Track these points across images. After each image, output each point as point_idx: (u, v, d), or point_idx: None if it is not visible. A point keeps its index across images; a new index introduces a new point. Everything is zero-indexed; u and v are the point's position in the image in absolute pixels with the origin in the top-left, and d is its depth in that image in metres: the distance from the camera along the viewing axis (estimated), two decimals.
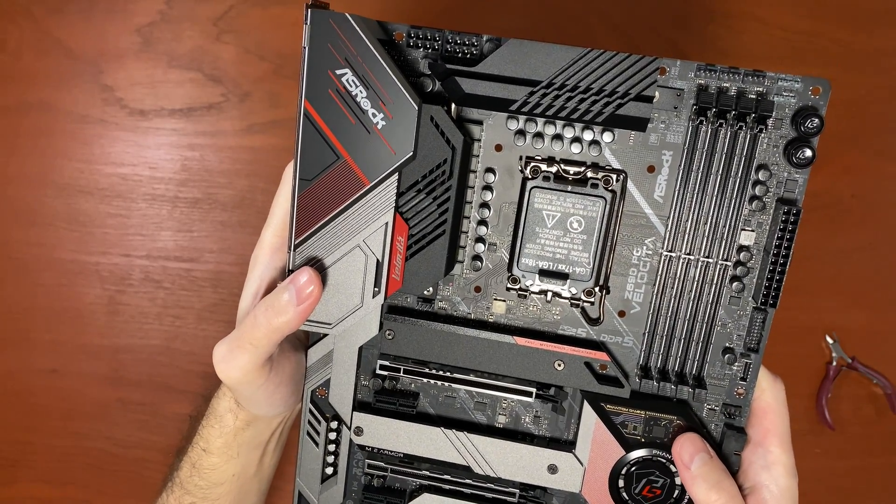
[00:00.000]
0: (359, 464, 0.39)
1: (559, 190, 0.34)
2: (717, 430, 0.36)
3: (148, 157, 0.70)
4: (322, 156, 0.33)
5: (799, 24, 0.71)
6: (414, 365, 0.37)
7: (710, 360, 0.36)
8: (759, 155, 0.33)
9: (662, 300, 0.35)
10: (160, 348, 0.69)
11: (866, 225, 0.70)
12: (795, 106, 0.33)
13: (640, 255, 0.34)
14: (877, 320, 0.70)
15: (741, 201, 0.34)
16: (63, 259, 0.69)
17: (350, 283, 0.35)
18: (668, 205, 0.34)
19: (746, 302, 0.35)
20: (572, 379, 0.35)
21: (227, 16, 0.70)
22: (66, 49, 0.70)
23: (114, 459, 0.69)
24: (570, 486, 0.36)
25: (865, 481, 0.69)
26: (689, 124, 0.33)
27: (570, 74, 0.32)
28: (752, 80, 0.33)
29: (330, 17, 0.31)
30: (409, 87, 0.32)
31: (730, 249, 0.34)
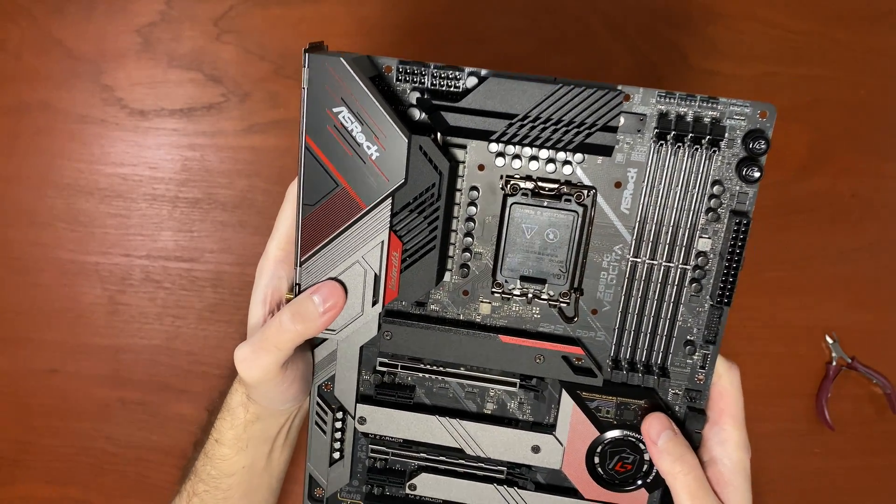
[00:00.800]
0: (363, 448, 0.43)
1: (536, 205, 0.38)
2: (681, 411, 0.40)
3: (148, 158, 0.70)
4: (323, 184, 0.37)
5: (799, 25, 0.71)
6: (410, 361, 0.41)
7: (674, 352, 0.40)
8: (713, 172, 0.37)
9: (630, 300, 0.39)
10: (160, 348, 0.69)
11: (866, 225, 0.70)
12: (746, 128, 0.36)
13: (609, 261, 0.39)
14: (876, 320, 0.70)
15: (698, 212, 0.37)
16: (63, 259, 0.69)
17: (352, 295, 0.39)
18: (634, 216, 0.38)
19: (704, 300, 0.39)
20: (551, 371, 0.40)
21: (228, 16, 0.70)
22: (67, 49, 0.70)
23: (114, 459, 0.69)
24: (552, 464, 0.41)
25: (865, 481, 0.69)
26: (651, 145, 0.37)
27: (543, 108, 0.36)
28: (706, 105, 0.36)
29: (326, 61, 0.34)
30: (399, 122, 0.35)
31: (689, 255, 0.38)
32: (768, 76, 0.71)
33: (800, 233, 0.70)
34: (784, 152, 0.71)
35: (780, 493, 0.69)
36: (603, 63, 0.70)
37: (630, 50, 0.70)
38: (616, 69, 0.70)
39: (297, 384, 0.42)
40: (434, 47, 0.70)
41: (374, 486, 0.44)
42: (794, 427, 0.69)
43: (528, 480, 0.43)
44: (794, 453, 0.69)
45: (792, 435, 0.69)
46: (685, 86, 0.70)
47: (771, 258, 0.70)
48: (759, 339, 0.69)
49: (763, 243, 0.70)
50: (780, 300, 0.70)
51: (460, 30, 0.70)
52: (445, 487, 0.43)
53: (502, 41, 0.70)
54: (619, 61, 0.70)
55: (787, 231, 0.70)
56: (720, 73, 0.71)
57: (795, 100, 0.71)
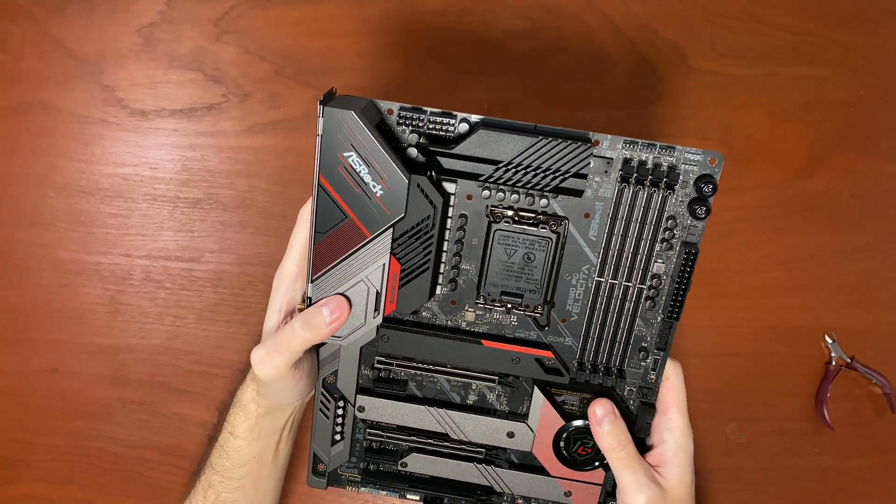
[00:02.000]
0: (361, 432, 0.49)
1: (516, 231, 0.44)
2: (635, 405, 0.47)
3: (149, 158, 0.70)
4: (333, 215, 0.42)
5: (799, 25, 0.71)
6: (404, 360, 0.47)
7: (630, 356, 0.46)
8: (668, 209, 0.43)
9: (594, 312, 0.45)
10: (161, 348, 0.69)
11: (865, 225, 0.70)
12: (697, 173, 0.42)
13: (577, 279, 0.45)
14: (876, 320, 0.70)
15: (654, 241, 0.43)
16: (64, 259, 0.70)
17: (356, 308, 0.45)
18: (600, 242, 0.44)
19: (657, 314, 0.45)
20: (526, 370, 0.46)
21: (228, 16, 0.70)
22: (67, 49, 0.70)
23: (114, 459, 0.69)
24: (524, 447, 0.48)
25: (865, 481, 0.69)
26: (616, 185, 0.42)
27: (524, 157, 0.41)
28: (665, 152, 0.42)
29: (339, 113, 0.40)
30: (401, 165, 0.41)
31: (645, 276, 0.44)
32: (768, 76, 0.71)
33: (800, 233, 0.70)
34: (784, 152, 0.71)
35: (780, 493, 0.69)
36: (602, 64, 0.70)
37: (630, 50, 0.71)
38: (616, 70, 0.70)
39: (303, 381, 0.47)
40: (434, 48, 0.70)
41: (370, 464, 0.50)
42: (794, 427, 0.69)
43: (503, 460, 0.49)
44: (794, 453, 0.69)
45: (791, 435, 0.69)
46: (685, 86, 0.71)
47: (771, 258, 0.70)
48: (758, 339, 0.69)
49: (763, 243, 0.70)
50: (780, 300, 0.70)
51: (460, 30, 0.71)
52: (432, 465, 0.49)
53: (502, 42, 0.70)
54: (619, 62, 0.71)
55: (786, 231, 0.70)
56: (720, 73, 0.71)
57: (795, 100, 0.71)
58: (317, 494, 0.68)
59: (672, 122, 0.70)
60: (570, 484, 0.49)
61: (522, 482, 0.49)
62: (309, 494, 0.68)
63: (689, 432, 0.46)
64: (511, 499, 0.50)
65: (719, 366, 0.69)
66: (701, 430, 0.69)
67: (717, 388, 0.69)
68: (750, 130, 0.71)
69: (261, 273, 0.70)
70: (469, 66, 0.70)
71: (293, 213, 0.69)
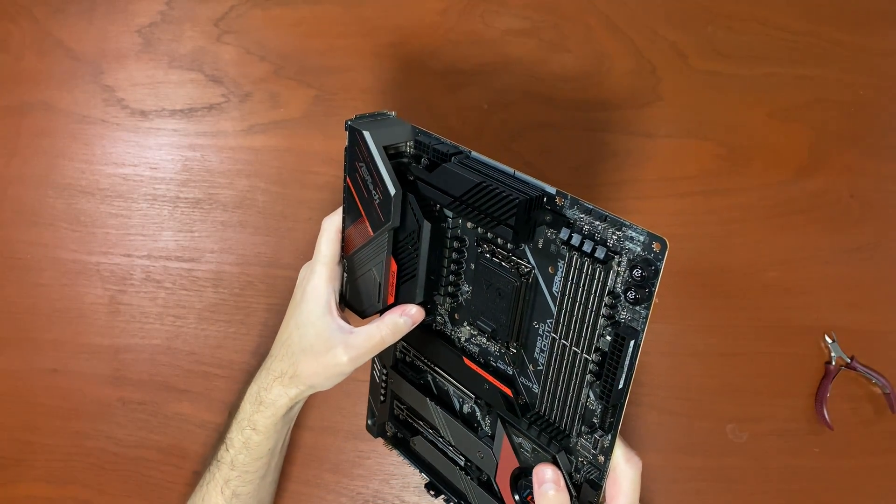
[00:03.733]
0: (393, 401, 0.55)
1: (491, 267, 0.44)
2: (581, 479, 0.43)
3: (149, 158, 0.70)
4: (354, 211, 0.48)
5: (798, 25, 0.71)
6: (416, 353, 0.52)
7: (580, 426, 0.42)
8: (609, 284, 0.38)
9: (551, 368, 0.43)
10: (161, 348, 0.69)
11: (865, 225, 0.70)
12: (638, 254, 0.37)
13: (543, 329, 0.43)
14: (875, 320, 0.70)
15: (598, 314, 0.39)
16: (64, 259, 0.70)
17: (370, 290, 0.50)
18: (558, 299, 0.41)
19: (597, 391, 0.41)
20: (492, 399, 0.46)
21: (228, 16, 0.70)
22: (68, 49, 0.70)
23: (115, 459, 0.69)
24: (489, 471, 0.49)
25: (864, 481, 0.69)
26: (568, 250, 0.40)
27: (471, 196, 0.41)
28: (611, 225, 0.38)
29: (356, 132, 0.45)
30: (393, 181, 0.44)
31: (591, 348, 0.40)
32: (768, 76, 0.71)
33: (799, 233, 0.70)
34: (784, 152, 0.71)
35: (779, 493, 0.69)
36: (602, 64, 0.70)
37: (629, 51, 0.71)
38: (616, 70, 0.70)
39: None
40: (434, 48, 0.70)
41: (397, 432, 0.56)
42: (793, 427, 0.69)
43: (475, 476, 0.50)
44: (793, 453, 0.69)
45: (791, 435, 0.69)
46: (685, 86, 0.71)
47: (771, 258, 0.70)
48: (758, 339, 0.69)
49: (763, 243, 0.70)
50: (780, 300, 0.70)
51: (460, 30, 0.71)
52: (431, 454, 0.53)
53: (502, 42, 0.70)
54: (619, 62, 0.71)
55: (786, 231, 0.70)
56: (720, 73, 0.71)
57: (795, 100, 0.71)
58: (317, 495, 0.68)
59: (672, 122, 0.70)
60: None
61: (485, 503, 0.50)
62: (309, 495, 0.68)
63: None
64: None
65: (719, 366, 0.69)
66: (701, 430, 0.69)
67: (717, 388, 0.69)
68: (750, 130, 0.71)
69: (261, 273, 0.70)
70: (469, 66, 0.70)
71: (293, 213, 0.70)
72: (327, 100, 0.70)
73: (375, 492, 0.69)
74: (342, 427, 0.68)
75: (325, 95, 0.70)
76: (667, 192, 0.69)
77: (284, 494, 0.68)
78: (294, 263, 0.70)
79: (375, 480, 0.69)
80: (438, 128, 0.70)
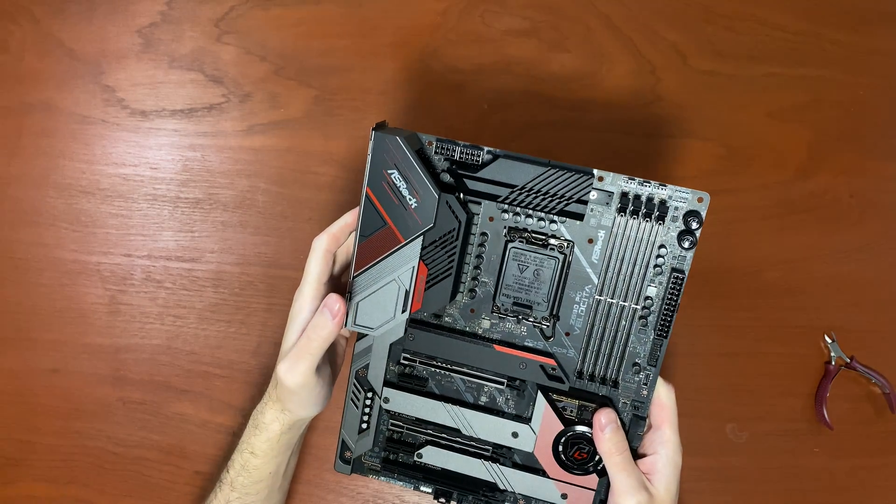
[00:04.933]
0: (385, 422, 0.54)
1: (529, 250, 0.50)
2: (627, 417, 0.51)
3: (149, 158, 0.70)
4: (375, 221, 0.49)
5: (798, 25, 0.71)
6: (426, 358, 0.53)
7: (624, 370, 0.50)
8: (659, 238, 0.48)
9: (593, 328, 0.50)
10: (161, 348, 0.69)
11: (865, 225, 0.70)
12: (685, 208, 0.48)
13: (581, 297, 0.50)
14: (875, 320, 0.70)
15: (647, 266, 0.48)
16: (65, 259, 0.70)
17: (387, 303, 0.50)
18: (601, 265, 0.49)
19: (649, 333, 0.50)
20: (531, 375, 0.51)
21: (228, 17, 0.70)
22: (68, 50, 0.70)
23: (115, 459, 0.69)
24: (526, 447, 0.52)
25: (864, 481, 0.69)
26: (615, 215, 0.48)
27: (536, 182, 0.48)
28: (657, 189, 0.47)
29: (386, 139, 0.47)
30: (434, 184, 0.47)
31: (639, 297, 0.49)
32: (768, 76, 0.71)
33: (799, 233, 0.70)
34: (784, 152, 0.71)
35: (780, 493, 0.69)
36: (602, 64, 0.71)
37: (629, 51, 0.71)
38: (615, 70, 0.70)
39: (322, 389, 0.52)
40: (434, 48, 0.70)
41: (390, 454, 0.55)
42: (793, 427, 0.69)
43: (507, 459, 0.53)
44: (793, 453, 0.69)
45: (791, 434, 0.69)
46: (685, 86, 0.71)
47: (770, 258, 0.70)
48: (758, 339, 0.69)
49: (763, 243, 0.70)
50: (780, 300, 0.70)
51: (460, 30, 0.71)
52: (444, 458, 0.53)
53: (502, 42, 0.70)
54: (619, 62, 0.71)
55: (786, 231, 0.70)
56: (720, 73, 0.71)
57: (795, 100, 0.71)
58: (318, 494, 0.68)
59: (672, 122, 0.70)
60: (566, 487, 0.52)
61: (523, 481, 0.53)
62: (310, 495, 0.68)
63: (679, 448, 0.51)
64: (513, 498, 0.53)
65: (719, 366, 0.69)
66: (701, 429, 0.69)
67: (717, 387, 0.69)
68: (750, 130, 0.71)
69: (261, 273, 0.70)
70: (469, 66, 0.70)
71: (293, 214, 0.70)
72: (327, 100, 0.70)
73: (375, 492, 0.69)
74: None
75: (325, 95, 0.70)
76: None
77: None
78: (294, 263, 0.70)
79: (375, 480, 0.69)
80: (438, 128, 0.70)
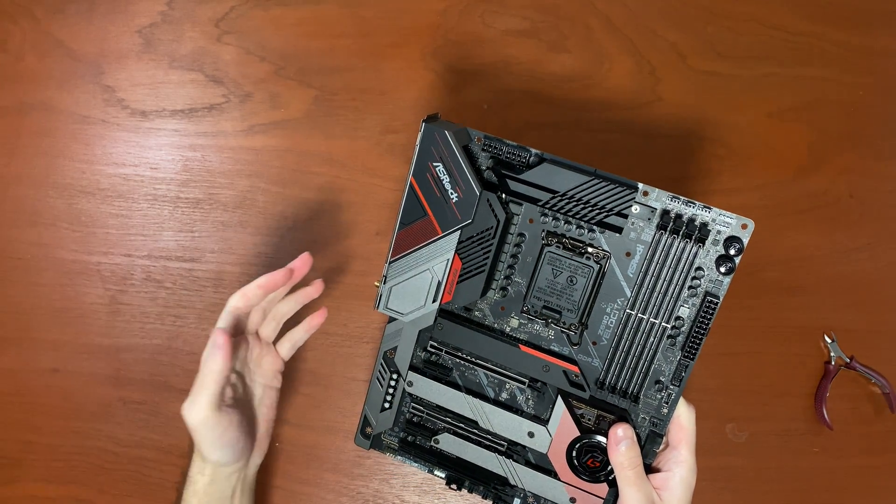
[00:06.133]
0: (406, 405, 0.56)
1: (564, 256, 0.50)
2: (644, 432, 0.51)
3: (149, 158, 0.70)
4: (416, 211, 0.50)
5: (798, 26, 0.71)
6: (452, 349, 0.54)
7: (647, 386, 0.50)
8: (698, 260, 0.47)
9: (621, 340, 0.50)
10: (161, 348, 0.69)
11: (864, 225, 0.70)
12: (728, 233, 0.47)
13: (612, 308, 0.50)
14: (875, 320, 0.70)
15: (682, 287, 0.48)
16: (65, 259, 0.70)
17: (419, 291, 0.51)
18: (635, 280, 0.49)
19: (676, 353, 0.50)
20: (553, 379, 0.52)
21: (229, 17, 0.70)
22: (68, 50, 0.70)
23: (115, 458, 0.69)
24: (541, 448, 0.53)
25: (864, 481, 0.69)
26: (655, 231, 0.48)
27: (578, 190, 0.48)
28: (701, 210, 0.47)
29: (436, 132, 0.48)
30: (476, 180, 0.48)
31: (671, 316, 0.49)
32: (768, 76, 0.71)
33: (799, 233, 0.70)
34: (784, 152, 0.71)
35: (779, 493, 0.69)
36: (603, 64, 0.71)
37: (629, 51, 0.71)
38: (616, 70, 0.71)
39: (231, 433, 0.54)
40: (434, 48, 0.70)
41: (408, 436, 0.56)
42: (793, 426, 0.69)
43: (521, 456, 0.54)
44: (793, 453, 0.69)
45: (791, 434, 0.69)
46: (685, 86, 0.71)
47: (770, 258, 0.70)
48: (758, 339, 0.69)
49: (763, 243, 0.70)
50: (780, 300, 0.70)
51: (460, 30, 0.71)
52: (460, 447, 0.55)
53: (502, 42, 0.71)
54: (619, 62, 0.71)
55: (786, 231, 0.70)
56: (720, 73, 0.71)
57: (795, 100, 0.71)
58: (318, 495, 0.68)
59: (672, 123, 0.70)
60: (575, 491, 0.53)
61: (534, 480, 0.54)
62: (310, 495, 0.68)
63: (694, 470, 0.51)
64: (523, 495, 0.54)
65: (719, 366, 0.69)
66: (701, 429, 0.69)
67: (717, 387, 0.69)
68: (750, 130, 0.71)
69: (261, 273, 0.69)
70: (469, 66, 0.70)
71: (293, 213, 0.70)
72: (327, 100, 0.70)
73: (375, 492, 0.69)
74: (342, 427, 0.68)
75: (325, 96, 0.70)
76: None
77: (285, 494, 0.68)
78: None
79: (375, 480, 0.69)
80: None
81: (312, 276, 0.70)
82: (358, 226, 0.69)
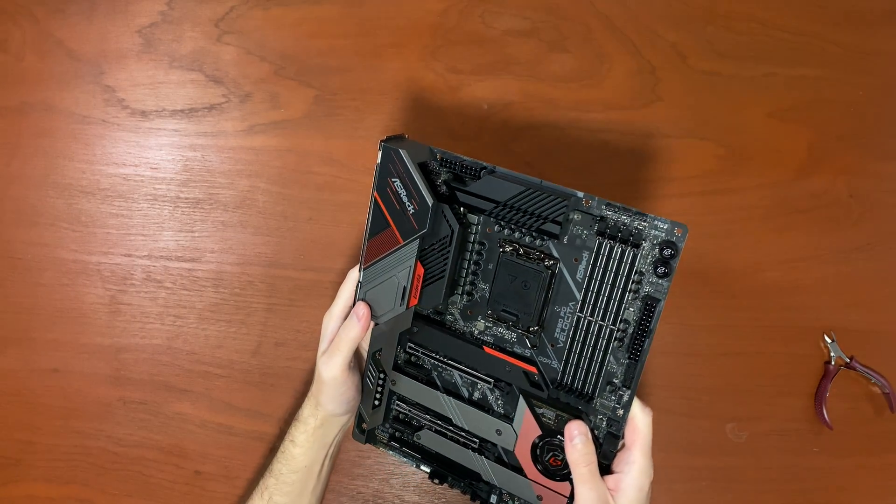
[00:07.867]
0: (393, 402, 0.59)
1: (518, 262, 0.52)
2: (602, 433, 0.52)
3: (149, 158, 0.70)
4: (381, 223, 0.53)
5: (798, 26, 0.71)
6: (429, 350, 0.57)
7: (601, 388, 0.52)
8: (637, 265, 0.49)
9: (574, 343, 0.52)
10: (161, 348, 0.69)
11: (864, 225, 0.70)
12: (662, 238, 0.48)
13: (565, 311, 0.52)
14: (875, 320, 0.70)
15: (624, 290, 0.50)
16: (65, 259, 0.70)
17: (390, 296, 0.55)
18: (584, 284, 0.51)
19: (624, 354, 0.51)
20: (515, 379, 0.54)
21: (229, 17, 0.70)
22: (68, 50, 0.70)
23: (115, 458, 0.69)
24: (508, 446, 0.55)
25: (864, 480, 0.69)
26: (596, 238, 0.50)
27: (516, 200, 0.50)
28: (637, 217, 0.48)
29: (392, 151, 0.51)
30: (430, 193, 0.51)
31: (616, 319, 0.50)
32: (768, 76, 0.71)
33: (799, 233, 0.70)
34: (784, 152, 0.71)
35: (779, 493, 0.69)
36: (602, 64, 0.71)
37: (629, 51, 0.71)
38: (616, 70, 0.70)
39: (350, 391, 0.58)
40: (434, 48, 0.70)
41: (396, 431, 0.59)
42: (793, 426, 0.69)
43: (492, 454, 0.56)
44: (793, 452, 0.69)
45: (791, 434, 0.69)
46: (685, 86, 0.71)
47: (770, 258, 0.70)
48: (758, 339, 0.69)
49: (762, 243, 0.70)
50: (780, 300, 0.70)
51: (460, 30, 0.71)
52: (439, 443, 0.57)
53: (502, 42, 0.71)
54: (619, 62, 0.71)
55: (786, 231, 0.70)
56: (720, 73, 0.71)
57: (795, 100, 0.71)
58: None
59: (672, 122, 0.70)
60: (542, 489, 0.54)
61: (504, 477, 0.55)
62: None
63: (647, 472, 0.51)
64: (499, 493, 0.56)
65: (719, 366, 0.69)
66: (701, 429, 0.69)
67: (717, 387, 0.69)
68: (750, 130, 0.71)
69: (261, 273, 0.70)
70: (469, 66, 0.70)
71: (294, 213, 0.70)
72: (327, 100, 0.70)
73: (375, 491, 0.69)
74: None
75: (325, 95, 0.70)
76: (667, 192, 0.69)
77: None
78: (294, 263, 0.70)
79: (375, 480, 0.69)
80: (439, 128, 0.70)
81: (314, 275, 0.70)
82: (358, 226, 0.69)
